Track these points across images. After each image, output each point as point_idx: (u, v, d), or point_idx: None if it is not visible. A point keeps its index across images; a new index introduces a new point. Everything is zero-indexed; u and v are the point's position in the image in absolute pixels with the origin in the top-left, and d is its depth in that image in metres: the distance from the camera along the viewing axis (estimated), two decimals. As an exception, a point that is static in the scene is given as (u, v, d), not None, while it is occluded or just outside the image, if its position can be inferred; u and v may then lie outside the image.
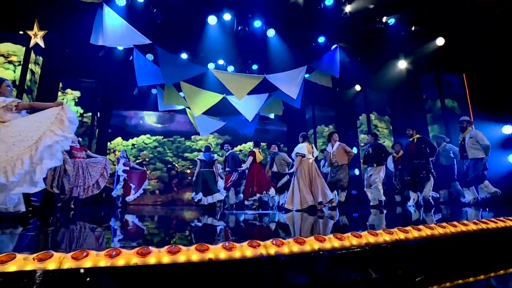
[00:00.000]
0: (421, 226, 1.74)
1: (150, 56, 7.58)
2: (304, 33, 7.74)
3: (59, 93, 7.77)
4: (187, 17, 6.84)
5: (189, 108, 9.52)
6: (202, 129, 9.07)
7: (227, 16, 7.15)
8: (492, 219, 2.10)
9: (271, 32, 7.57)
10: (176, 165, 10.68)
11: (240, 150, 11.24)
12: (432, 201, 5.92)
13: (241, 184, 7.48)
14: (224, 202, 7.37)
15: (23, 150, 2.75)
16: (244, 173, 7.08)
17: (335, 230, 1.57)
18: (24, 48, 6.33)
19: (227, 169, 7.04)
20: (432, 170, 5.97)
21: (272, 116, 10.97)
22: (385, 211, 4.51)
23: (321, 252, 1.32)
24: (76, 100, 7.98)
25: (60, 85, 7.87)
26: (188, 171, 10.63)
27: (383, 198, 6.22)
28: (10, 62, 6.21)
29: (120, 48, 7.75)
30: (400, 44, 8.04)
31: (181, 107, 9.58)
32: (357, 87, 10.22)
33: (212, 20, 7.04)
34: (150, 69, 6.82)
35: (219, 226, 2.93)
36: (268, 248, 1.26)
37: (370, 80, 9.29)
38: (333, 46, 7.90)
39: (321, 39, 8.08)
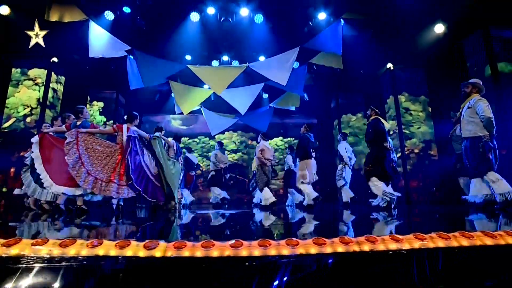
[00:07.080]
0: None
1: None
2: (297, 12, 6.88)
3: (87, 106, 8.90)
4: (170, 18, 6.88)
5: (201, 107, 9.67)
6: (213, 127, 9.05)
7: (210, 10, 6.91)
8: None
9: (259, 18, 6.98)
10: (201, 164, 10.96)
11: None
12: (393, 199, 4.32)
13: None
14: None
15: None
16: None
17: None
18: (46, 71, 7.48)
19: None
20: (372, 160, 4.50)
21: (293, 108, 10.20)
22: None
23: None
24: (100, 110, 9.01)
25: (88, 98, 9.03)
26: (213, 170, 10.75)
27: (310, 199, 5.12)
28: (36, 84, 7.42)
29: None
30: (423, 5, 6.36)
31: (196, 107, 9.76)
32: (389, 65, 8.60)
33: (194, 17, 6.90)
34: (142, 74, 7.13)
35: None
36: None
37: (395, 55, 7.67)
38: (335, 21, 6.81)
39: (322, 16, 7.05)
